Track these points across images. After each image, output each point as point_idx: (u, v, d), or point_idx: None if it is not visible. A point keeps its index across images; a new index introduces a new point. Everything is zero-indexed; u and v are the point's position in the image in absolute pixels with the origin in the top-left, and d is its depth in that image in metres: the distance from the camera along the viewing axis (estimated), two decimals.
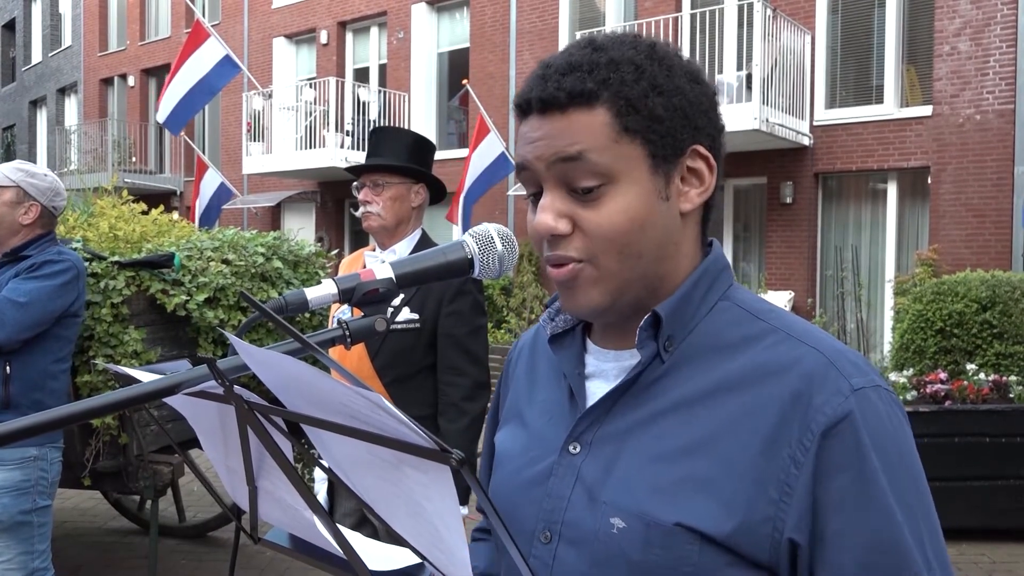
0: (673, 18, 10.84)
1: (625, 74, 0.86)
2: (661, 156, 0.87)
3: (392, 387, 2.51)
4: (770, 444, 0.81)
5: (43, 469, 2.84)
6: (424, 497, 0.61)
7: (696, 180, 0.90)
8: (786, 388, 0.82)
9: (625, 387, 0.90)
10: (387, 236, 2.66)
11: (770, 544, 0.80)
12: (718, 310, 0.91)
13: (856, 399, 0.81)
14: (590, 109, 0.86)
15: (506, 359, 1.15)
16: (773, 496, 0.80)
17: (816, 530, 0.80)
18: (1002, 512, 5.01)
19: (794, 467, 0.80)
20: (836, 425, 0.80)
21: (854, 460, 0.79)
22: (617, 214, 0.86)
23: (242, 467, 0.82)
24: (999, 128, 9.28)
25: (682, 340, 0.89)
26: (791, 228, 10.58)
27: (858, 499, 0.79)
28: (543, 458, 0.95)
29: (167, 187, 18.91)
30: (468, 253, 0.88)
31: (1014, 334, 5.56)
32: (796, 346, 0.85)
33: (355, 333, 0.82)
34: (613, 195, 0.86)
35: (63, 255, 2.86)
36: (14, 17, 26.67)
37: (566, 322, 1.00)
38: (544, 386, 1.03)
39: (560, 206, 0.88)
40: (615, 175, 0.86)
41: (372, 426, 0.58)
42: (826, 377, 0.82)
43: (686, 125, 0.88)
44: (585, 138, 0.86)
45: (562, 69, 0.87)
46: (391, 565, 0.95)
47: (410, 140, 2.73)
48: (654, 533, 0.83)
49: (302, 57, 16.99)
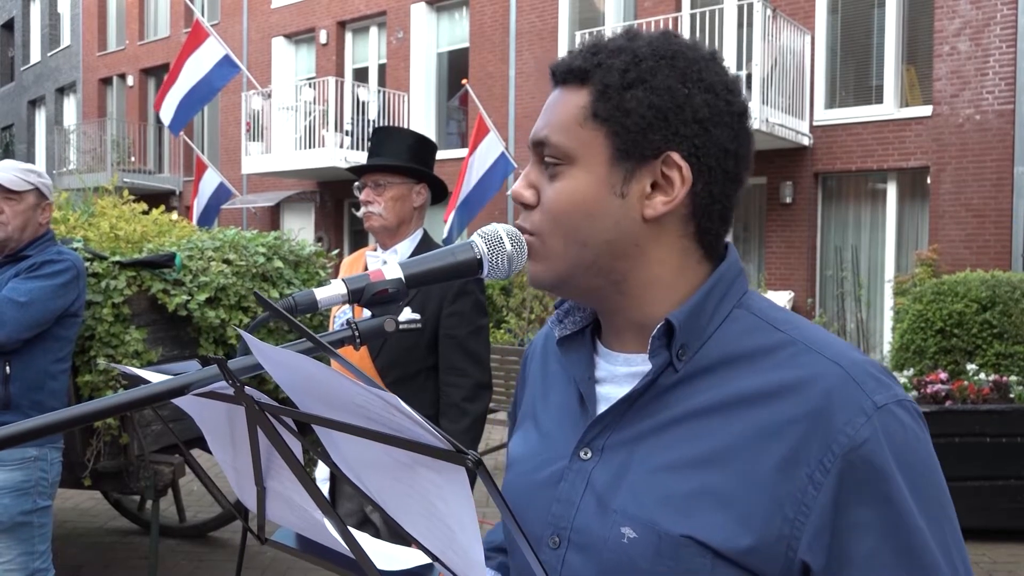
0: (673, 18, 10.84)
1: (617, 61, 0.86)
2: (624, 151, 0.86)
3: (394, 387, 2.50)
4: (788, 462, 0.79)
5: (43, 470, 2.84)
6: (438, 497, 0.60)
7: (668, 188, 0.87)
8: (806, 405, 0.80)
9: (638, 394, 0.88)
10: (389, 236, 2.66)
11: (784, 563, 0.79)
12: (732, 319, 0.89)
13: (879, 418, 0.78)
14: (579, 88, 0.89)
15: (522, 359, 1.15)
16: (788, 515, 0.78)
17: (838, 552, 0.78)
18: (1002, 512, 5.01)
19: (812, 487, 0.78)
20: (860, 447, 0.77)
21: (879, 482, 0.77)
22: (563, 193, 0.88)
23: (250, 467, 0.82)
24: (999, 128, 9.28)
25: (697, 350, 0.87)
26: (791, 228, 10.59)
27: (885, 521, 0.77)
28: (553, 462, 0.94)
29: (166, 187, 18.90)
30: (477, 253, 0.88)
31: (1014, 334, 5.56)
32: (815, 360, 0.83)
33: (364, 334, 0.82)
34: (567, 176, 0.88)
35: (63, 255, 2.87)
36: (13, 17, 26.65)
37: (575, 324, 0.98)
38: (556, 388, 1.02)
39: (532, 177, 0.92)
40: (574, 158, 0.88)
41: (387, 427, 0.58)
42: (847, 394, 0.79)
43: (663, 127, 0.85)
44: (556, 117, 0.89)
45: (583, 46, 0.91)
46: (399, 565, 0.94)
47: (412, 140, 2.73)
48: (665, 544, 0.81)
49: (301, 57, 16.98)
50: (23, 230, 2.82)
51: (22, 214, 2.81)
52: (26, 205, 2.82)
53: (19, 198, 2.80)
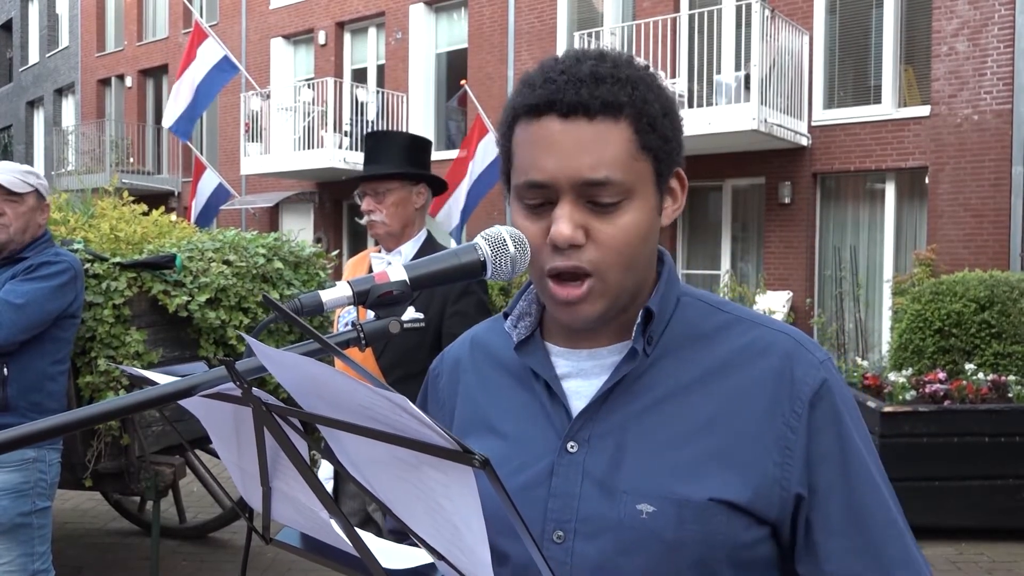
0: (671, 18, 10.84)
1: (646, 93, 0.92)
2: (663, 175, 0.95)
3: (397, 386, 2.48)
4: (767, 415, 0.91)
5: (42, 471, 2.84)
6: (444, 497, 0.61)
7: (672, 198, 0.98)
8: (770, 366, 0.93)
9: (616, 382, 0.94)
10: (394, 240, 2.69)
11: (779, 502, 0.90)
12: (683, 305, 0.99)
13: (823, 369, 0.94)
14: (615, 122, 0.89)
15: (431, 374, 1.14)
16: (777, 459, 0.90)
17: (811, 481, 0.91)
18: (1001, 511, 5.02)
19: (790, 432, 0.91)
20: (818, 391, 0.92)
21: (835, 418, 0.92)
22: (630, 227, 0.91)
23: (256, 468, 0.82)
24: (997, 128, 9.30)
25: (660, 335, 0.96)
26: (789, 228, 10.60)
27: (841, 454, 0.91)
28: (534, 462, 0.96)
29: (165, 188, 18.89)
30: (481, 255, 0.89)
31: (1012, 334, 5.57)
32: (766, 332, 0.97)
33: (370, 335, 0.82)
34: (628, 210, 0.91)
35: (60, 256, 2.87)
36: (11, 18, 26.63)
37: (527, 328, 1.03)
38: (505, 393, 1.03)
39: (578, 217, 0.90)
40: (632, 191, 0.91)
41: (393, 427, 0.59)
42: (800, 354, 0.94)
43: (678, 147, 0.96)
44: (605, 155, 0.89)
45: (589, 78, 0.89)
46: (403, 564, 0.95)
47: (405, 141, 2.74)
48: (687, 512, 0.88)
49: (300, 57, 16.98)
50: (24, 232, 2.83)
51: (24, 216, 2.82)
52: (27, 207, 2.82)
53: (20, 200, 2.80)
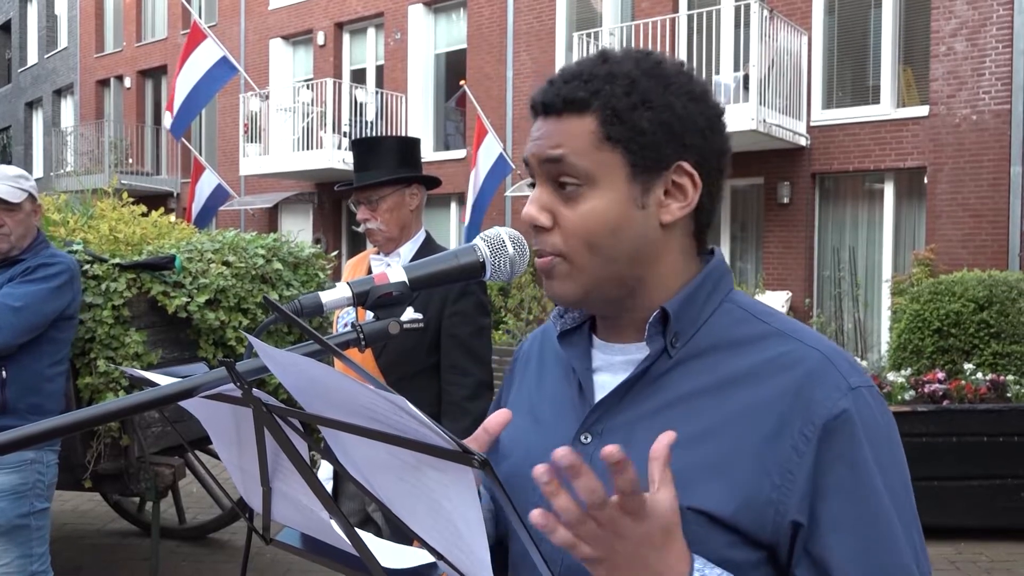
0: (670, 19, 10.84)
1: (617, 87, 0.92)
2: (641, 166, 0.93)
3: (396, 386, 2.49)
4: (774, 434, 0.87)
5: (40, 472, 2.83)
6: (444, 496, 0.61)
7: (680, 195, 0.95)
8: (790, 383, 0.89)
9: (635, 380, 0.95)
10: (394, 244, 2.69)
11: (772, 525, 0.86)
12: (722, 311, 0.97)
13: (853, 396, 0.88)
14: (580, 116, 0.92)
15: (514, 355, 1.20)
16: (775, 481, 0.86)
17: (814, 512, 0.86)
18: (1000, 511, 5.03)
19: (796, 455, 0.86)
20: (837, 418, 0.86)
21: (851, 449, 0.86)
22: (590, 214, 0.92)
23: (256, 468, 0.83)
24: (995, 128, 9.30)
25: (689, 337, 0.95)
26: (788, 228, 10.60)
27: (853, 486, 0.86)
28: (553, 448, 0.96)
29: (163, 188, 18.88)
30: (480, 256, 0.90)
31: (1011, 333, 5.58)
32: (798, 346, 0.92)
33: (369, 336, 0.83)
34: (589, 197, 0.92)
35: (57, 258, 2.87)
36: (10, 19, 26.62)
37: (574, 319, 1.05)
38: (550, 380, 1.07)
39: (545, 200, 0.94)
40: (594, 179, 0.92)
41: (393, 428, 0.59)
42: (826, 374, 0.89)
43: (672, 140, 0.93)
44: (569, 141, 0.92)
45: (567, 77, 0.95)
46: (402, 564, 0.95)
47: (393, 145, 2.73)
48: None
49: (299, 58, 16.97)
50: (24, 238, 2.85)
51: (22, 223, 2.83)
52: (24, 214, 2.84)
53: (18, 208, 2.81)
